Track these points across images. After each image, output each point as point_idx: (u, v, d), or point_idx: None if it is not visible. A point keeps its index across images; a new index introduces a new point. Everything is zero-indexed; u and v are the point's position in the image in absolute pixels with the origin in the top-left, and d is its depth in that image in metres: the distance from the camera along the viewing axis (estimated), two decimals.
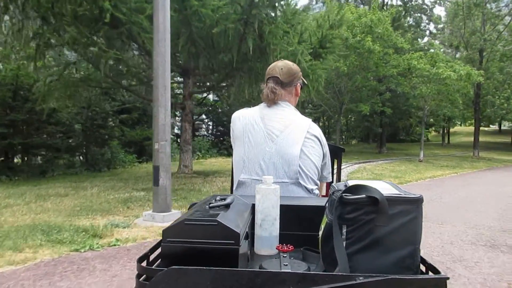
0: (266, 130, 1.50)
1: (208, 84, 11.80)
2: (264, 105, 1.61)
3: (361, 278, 0.73)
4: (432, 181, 10.47)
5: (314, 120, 1.84)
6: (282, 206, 1.10)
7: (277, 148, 1.47)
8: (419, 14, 33.25)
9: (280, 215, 1.10)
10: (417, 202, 0.82)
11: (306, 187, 1.48)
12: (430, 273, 0.84)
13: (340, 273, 0.77)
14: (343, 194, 0.84)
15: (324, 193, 1.75)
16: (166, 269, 0.75)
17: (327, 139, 1.65)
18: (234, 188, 1.57)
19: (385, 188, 0.89)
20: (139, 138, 13.67)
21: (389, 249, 0.81)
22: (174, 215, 4.86)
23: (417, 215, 0.82)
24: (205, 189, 7.65)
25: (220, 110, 20.15)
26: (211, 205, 0.95)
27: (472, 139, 23.95)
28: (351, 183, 0.90)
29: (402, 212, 0.81)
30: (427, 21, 34.19)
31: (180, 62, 9.49)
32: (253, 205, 1.11)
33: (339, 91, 20.11)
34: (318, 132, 1.58)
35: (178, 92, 14.12)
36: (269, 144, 1.48)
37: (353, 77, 18.94)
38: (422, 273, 0.86)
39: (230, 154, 14.85)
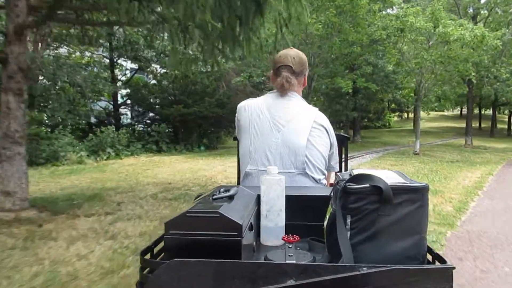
0: (272, 120, 1.49)
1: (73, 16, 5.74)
2: (270, 95, 1.59)
3: (364, 268, 0.73)
4: (490, 192, 6.94)
5: None
6: (287, 197, 1.10)
7: (284, 138, 1.46)
8: None
9: (286, 205, 1.09)
10: (422, 190, 0.82)
11: (313, 177, 1.47)
12: (437, 262, 0.83)
13: (343, 264, 0.76)
14: (347, 184, 0.83)
15: (332, 182, 1.73)
16: (168, 261, 0.75)
17: None
18: (241, 180, 1.57)
19: (390, 177, 0.88)
20: None
21: (394, 239, 0.80)
22: None
23: (423, 204, 0.81)
24: None
25: (143, 87, 15.37)
26: (214, 197, 0.95)
27: (437, 124, 22.01)
28: (356, 172, 0.89)
29: (407, 201, 0.80)
30: None
31: None
32: (259, 196, 1.10)
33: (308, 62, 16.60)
34: (325, 121, 1.56)
35: None
36: (275, 134, 1.47)
37: (328, 42, 13.92)
38: (428, 262, 0.85)
39: (160, 150, 13.31)
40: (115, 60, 15.15)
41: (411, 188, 0.81)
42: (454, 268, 0.75)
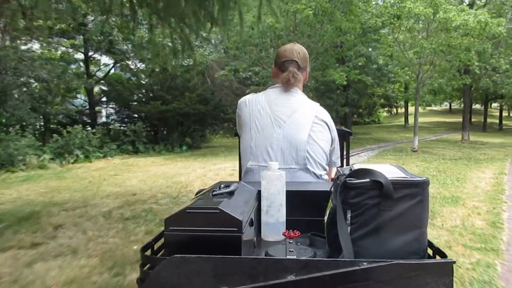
0: (273, 115, 1.59)
1: None
2: (271, 90, 1.69)
3: (364, 263, 0.79)
4: None
5: None
6: (288, 192, 1.18)
7: (285, 133, 1.57)
8: None
9: (286, 201, 1.17)
10: (422, 185, 0.88)
11: (314, 173, 1.57)
12: (437, 257, 0.90)
13: (343, 259, 0.83)
14: (347, 179, 0.90)
15: (333, 177, 1.85)
16: (168, 257, 0.82)
17: None
18: (242, 175, 1.68)
19: (391, 171, 0.96)
20: None
21: (394, 234, 0.87)
22: None
23: (423, 199, 0.88)
24: None
25: (118, 82, 15.30)
26: (214, 192, 1.03)
27: (427, 119, 22.71)
28: (356, 167, 0.96)
29: (408, 196, 0.87)
30: None
31: None
32: (259, 192, 1.18)
33: None
34: (327, 116, 1.66)
35: None
36: (276, 130, 1.57)
37: (319, 30, 13.55)
38: (429, 257, 0.92)
39: (137, 151, 13.19)
40: (90, 54, 14.92)
41: (411, 182, 0.88)
42: (454, 262, 0.82)
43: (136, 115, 15.34)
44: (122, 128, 15.11)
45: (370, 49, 18.07)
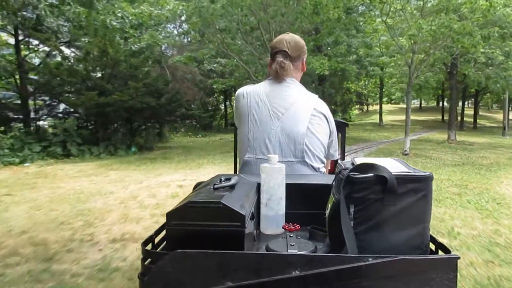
0: (272, 107, 1.83)
1: None
2: (269, 82, 1.92)
3: (370, 259, 0.92)
4: None
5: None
6: (288, 185, 1.36)
7: (283, 126, 1.79)
8: None
9: (286, 194, 1.36)
10: (426, 180, 1.04)
11: (312, 166, 1.80)
12: (440, 252, 1.08)
13: (348, 255, 0.98)
14: (351, 173, 1.06)
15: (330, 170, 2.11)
16: (171, 252, 0.96)
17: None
18: (239, 168, 1.89)
19: (394, 166, 1.12)
20: None
21: (398, 229, 1.03)
22: None
23: (427, 194, 1.04)
24: None
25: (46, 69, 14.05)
26: (215, 186, 1.19)
27: (399, 117, 24.12)
28: (358, 161, 1.13)
29: (411, 191, 1.03)
30: None
31: None
32: (259, 185, 1.37)
33: (265, 33, 14.37)
34: (325, 109, 1.90)
35: None
36: (274, 122, 1.80)
37: (297, 7, 13.40)
38: (431, 252, 1.09)
39: (68, 154, 12.34)
40: (21, 39, 14.10)
41: (415, 177, 1.04)
42: (459, 258, 0.97)
43: (73, 110, 14.64)
44: (51, 125, 14.44)
45: (351, 38, 18.07)
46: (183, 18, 16.49)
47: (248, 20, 14.57)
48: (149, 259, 1.03)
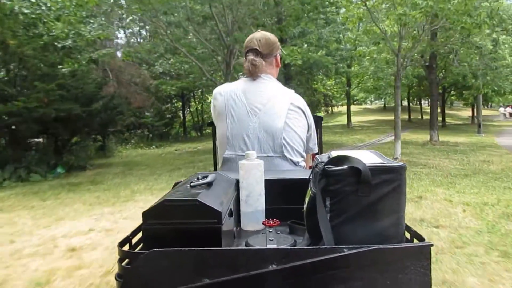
0: (249, 104, 2.06)
1: None
2: (245, 79, 2.16)
3: (345, 250, 1.05)
4: None
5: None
6: (267, 181, 1.51)
7: (261, 122, 2.03)
8: None
9: (265, 189, 1.50)
10: (400, 170, 1.17)
11: (291, 160, 2.03)
12: (415, 240, 1.20)
13: (323, 247, 1.09)
14: (326, 166, 1.18)
15: (310, 164, 2.31)
16: (147, 252, 1.06)
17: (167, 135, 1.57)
18: (219, 166, 2.11)
19: (369, 158, 1.24)
20: None
21: (373, 219, 1.17)
22: None
23: (400, 184, 1.17)
24: None
25: None
26: (192, 184, 1.32)
27: (365, 118, 25.06)
28: (334, 154, 1.26)
29: (385, 182, 1.16)
30: None
31: None
32: (238, 181, 1.50)
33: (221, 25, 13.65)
34: (302, 103, 2.13)
35: None
36: (252, 118, 2.05)
37: None
38: (407, 240, 1.21)
39: None
40: None
41: (388, 168, 1.17)
42: (432, 245, 1.09)
43: None
44: None
45: (320, 28, 18.05)
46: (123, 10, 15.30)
47: (200, 9, 14.01)
48: (126, 260, 1.14)
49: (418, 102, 50.87)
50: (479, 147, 19.13)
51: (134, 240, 1.30)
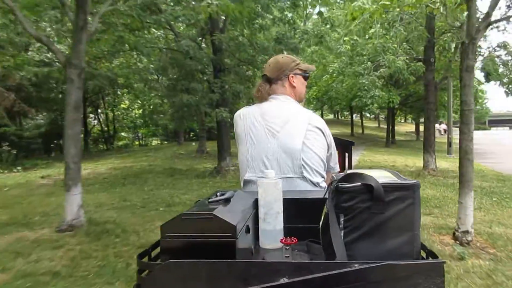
0: (267, 126, 2.11)
1: None
2: (264, 102, 2.22)
3: (356, 265, 1.05)
4: None
5: None
6: (285, 200, 1.53)
7: (279, 143, 2.07)
8: None
9: (284, 209, 1.52)
10: (413, 188, 1.18)
11: (311, 181, 2.05)
12: (430, 258, 1.17)
13: (334, 261, 1.11)
14: (339, 183, 1.20)
15: None
16: (164, 262, 1.12)
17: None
18: (242, 187, 2.13)
19: (383, 175, 1.26)
20: None
21: (386, 236, 1.17)
22: None
23: (414, 201, 1.18)
24: None
25: None
26: (210, 200, 1.38)
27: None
28: (350, 172, 1.27)
29: (398, 199, 1.18)
30: None
31: None
32: (256, 200, 1.55)
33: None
34: (321, 123, 2.14)
35: None
36: (270, 140, 2.09)
37: None
38: (422, 259, 1.20)
39: None
40: None
41: (401, 185, 1.18)
42: (444, 262, 1.08)
43: None
44: None
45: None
46: None
47: None
48: (145, 271, 1.19)
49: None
50: (477, 176, 12.34)
51: (153, 254, 1.37)
